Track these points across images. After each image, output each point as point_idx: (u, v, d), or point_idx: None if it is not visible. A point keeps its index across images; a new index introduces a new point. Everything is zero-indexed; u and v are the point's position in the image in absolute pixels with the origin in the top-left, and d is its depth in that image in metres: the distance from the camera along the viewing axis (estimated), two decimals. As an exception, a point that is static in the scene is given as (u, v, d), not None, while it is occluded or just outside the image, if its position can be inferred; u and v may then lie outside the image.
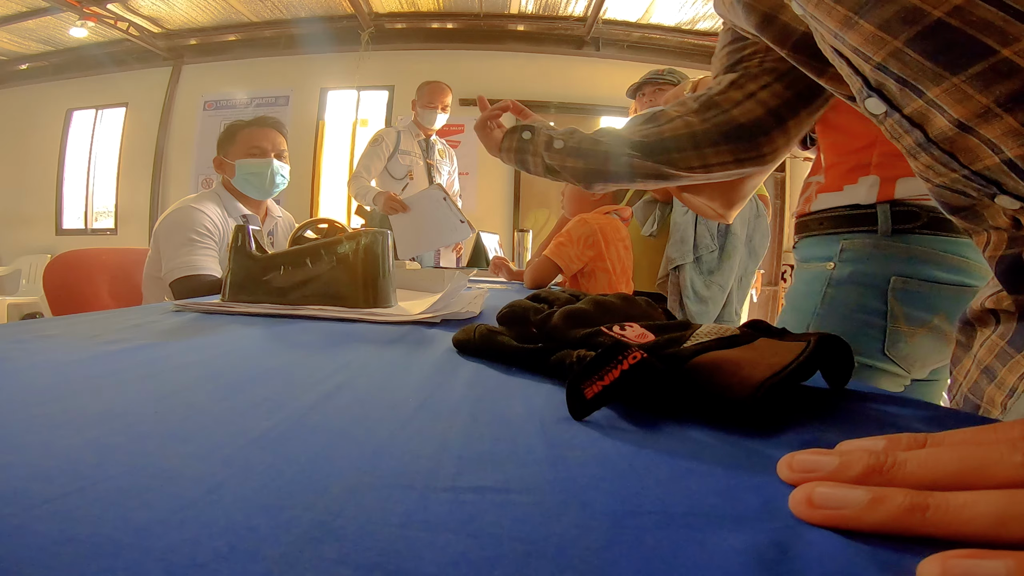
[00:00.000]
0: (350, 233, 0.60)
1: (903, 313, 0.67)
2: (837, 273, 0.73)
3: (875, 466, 0.15)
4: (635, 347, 0.23)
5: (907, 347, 0.67)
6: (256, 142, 1.40)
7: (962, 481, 0.14)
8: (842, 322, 0.72)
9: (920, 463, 0.15)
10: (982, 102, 0.25)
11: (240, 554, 0.11)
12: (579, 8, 3.79)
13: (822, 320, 0.75)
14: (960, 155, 0.29)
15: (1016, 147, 0.25)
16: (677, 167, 0.57)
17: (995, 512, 0.12)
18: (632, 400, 0.24)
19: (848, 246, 0.72)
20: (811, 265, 0.78)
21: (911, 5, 0.24)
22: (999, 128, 0.25)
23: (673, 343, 0.27)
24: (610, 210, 1.37)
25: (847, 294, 0.72)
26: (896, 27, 0.25)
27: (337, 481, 0.15)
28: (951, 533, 0.13)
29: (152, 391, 0.24)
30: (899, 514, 0.13)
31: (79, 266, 1.34)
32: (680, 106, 0.58)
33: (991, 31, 0.22)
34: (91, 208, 4.43)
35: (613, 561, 0.12)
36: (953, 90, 0.26)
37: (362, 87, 4.17)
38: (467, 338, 0.37)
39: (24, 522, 0.12)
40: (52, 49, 4.22)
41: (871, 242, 0.70)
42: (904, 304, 0.67)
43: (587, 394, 0.23)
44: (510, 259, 1.88)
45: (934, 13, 0.23)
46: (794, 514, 0.14)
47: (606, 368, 0.22)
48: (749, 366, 0.23)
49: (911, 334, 0.66)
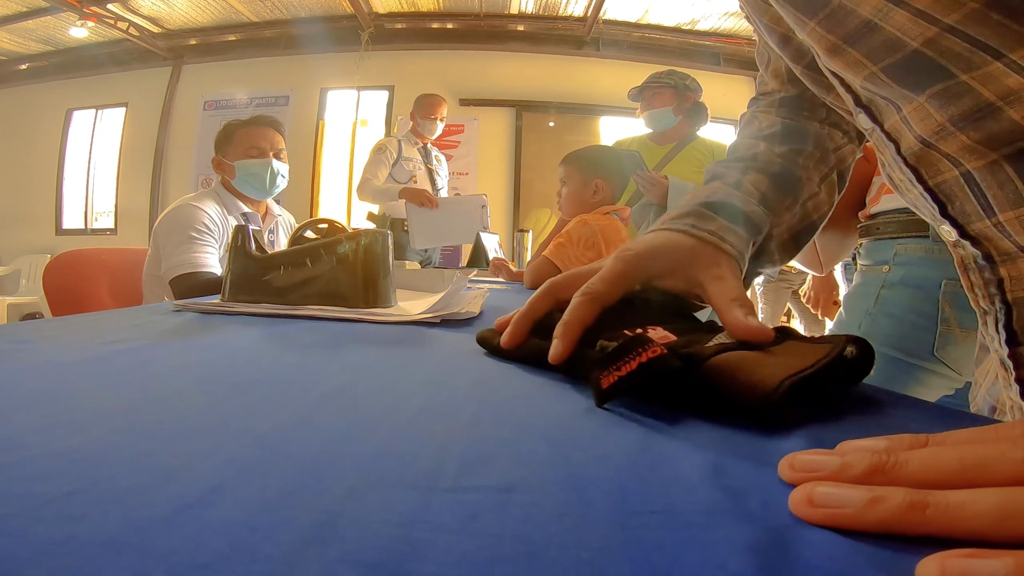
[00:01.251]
0: (350, 233, 0.60)
1: (955, 316, 0.68)
2: (891, 276, 0.76)
3: (877, 466, 0.15)
4: (655, 342, 0.23)
5: (957, 349, 0.69)
6: (254, 142, 1.40)
7: (964, 479, 0.14)
8: (893, 323, 0.75)
9: (921, 462, 0.15)
10: (939, 120, 0.28)
11: (241, 554, 0.11)
12: (579, 8, 3.79)
13: (874, 320, 0.77)
14: (923, 170, 0.31)
15: (973, 160, 0.28)
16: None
17: (994, 509, 0.12)
18: (648, 395, 0.24)
19: (902, 250, 0.75)
20: (870, 268, 0.81)
21: (894, 36, 0.27)
22: (955, 144, 0.28)
23: (695, 343, 0.27)
24: (610, 210, 1.37)
25: (900, 296, 0.74)
26: (878, 55, 0.29)
27: (338, 481, 0.15)
28: (951, 531, 0.13)
29: (152, 391, 0.24)
30: (899, 512, 0.13)
31: (79, 266, 1.34)
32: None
33: (955, 59, 0.26)
34: (91, 208, 4.43)
35: (615, 561, 0.12)
36: (919, 108, 0.29)
37: (362, 87, 4.17)
38: (494, 337, 0.36)
39: (25, 522, 0.12)
40: (52, 49, 4.22)
41: (923, 247, 0.73)
42: (956, 307, 0.68)
43: (603, 383, 0.23)
44: (510, 260, 1.88)
45: (912, 44, 0.27)
46: (794, 513, 0.14)
47: (624, 360, 0.23)
48: (770, 366, 0.23)
49: (964, 337, 0.68)
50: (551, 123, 4.19)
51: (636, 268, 0.35)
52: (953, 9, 0.24)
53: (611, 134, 3.92)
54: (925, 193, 0.32)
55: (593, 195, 1.38)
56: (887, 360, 0.79)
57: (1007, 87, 0.25)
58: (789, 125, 0.49)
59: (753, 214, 0.42)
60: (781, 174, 0.46)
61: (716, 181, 0.46)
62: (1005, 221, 0.28)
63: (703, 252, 0.37)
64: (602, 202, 1.38)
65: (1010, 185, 0.27)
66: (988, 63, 0.25)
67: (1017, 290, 0.30)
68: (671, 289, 0.35)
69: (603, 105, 4.07)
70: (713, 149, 1.73)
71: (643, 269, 0.35)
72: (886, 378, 0.79)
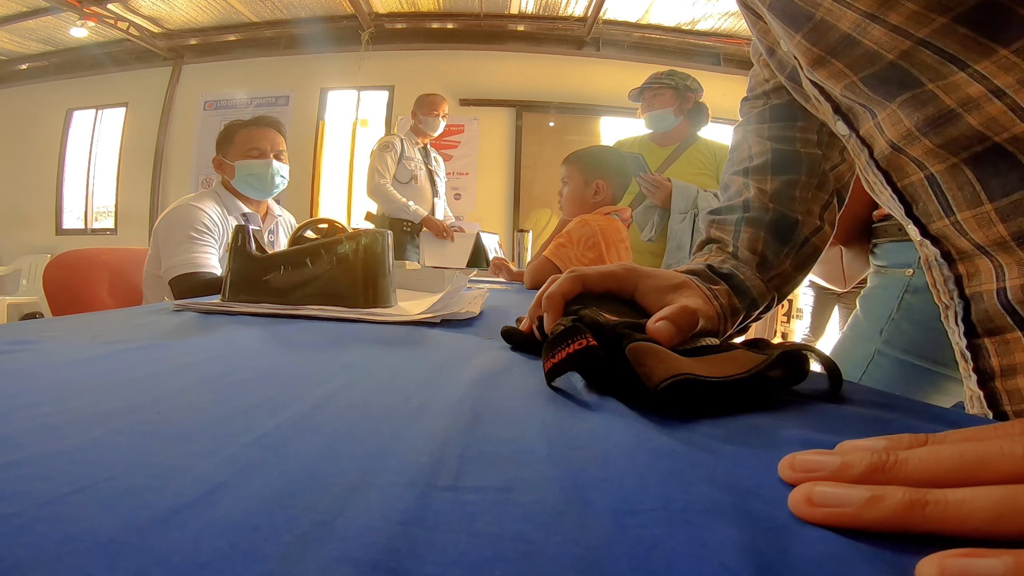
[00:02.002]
0: (350, 233, 0.60)
1: None
2: (916, 280, 0.74)
3: (877, 465, 0.15)
4: (586, 334, 0.26)
5: None
6: (255, 143, 1.40)
7: (963, 476, 0.14)
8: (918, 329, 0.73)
9: (921, 460, 0.15)
10: (907, 125, 0.30)
11: (242, 553, 0.11)
12: (579, 8, 3.79)
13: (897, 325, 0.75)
14: (893, 172, 0.34)
15: (936, 163, 0.30)
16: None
17: (994, 506, 0.13)
18: (586, 375, 0.28)
19: None
20: (889, 271, 0.78)
21: (872, 49, 0.29)
22: (920, 148, 0.30)
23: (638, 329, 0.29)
24: (610, 211, 1.37)
25: (925, 301, 0.72)
26: (859, 66, 0.31)
27: (339, 480, 0.15)
28: (951, 529, 0.13)
29: (153, 391, 0.24)
30: (898, 511, 0.13)
31: (79, 266, 1.34)
32: None
33: (926, 69, 0.28)
34: (91, 208, 4.43)
35: (614, 560, 0.12)
36: (891, 114, 0.31)
37: (362, 87, 4.17)
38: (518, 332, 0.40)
39: (25, 522, 0.12)
40: (52, 49, 4.22)
41: None
42: None
43: (545, 366, 0.27)
44: (510, 259, 1.88)
45: (888, 56, 0.29)
46: (794, 513, 0.14)
47: (559, 347, 0.26)
48: (677, 361, 0.25)
49: None
50: (551, 123, 4.18)
51: (629, 273, 0.39)
52: (924, 24, 0.26)
53: (611, 134, 3.92)
54: (894, 195, 0.34)
55: (594, 195, 1.38)
56: (907, 367, 0.77)
57: (967, 95, 0.27)
58: (780, 152, 0.49)
59: (755, 288, 0.45)
60: (776, 222, 0.48)
61: (715, 245, 0.49)
62: (963, 220, 0.30)
63: (690, 286, 0.41)
64: (603, 202, 1.38)
65: (968, 187, 0.29)
66: (954, 73, 0.27)
67: (974, 285, 0.33)
68: (647, 307, 0.38)
69: (603, 105, 4.07)
70: (715, 150, 1.72)
71: (634, 279, 0.39)
72: (906, 385, 0.77)
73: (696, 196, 1.56)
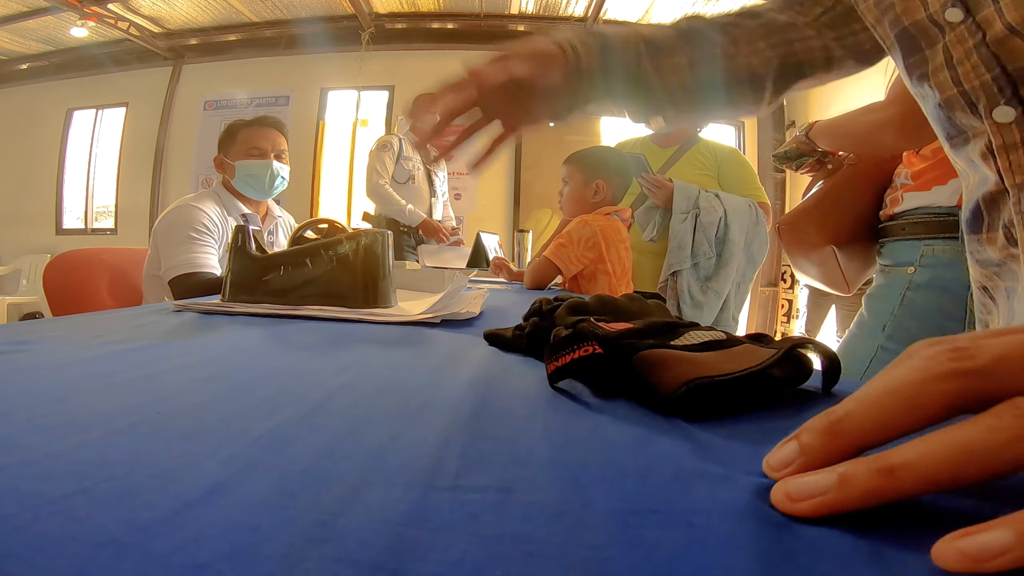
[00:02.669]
0: (350, 233, 0.60)
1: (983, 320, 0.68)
2: (917, 277, 0.75)
3: (827, 428, 0.15)
4: (592, 339, 0.26)
5: None
6: (256, 143, 1.40)
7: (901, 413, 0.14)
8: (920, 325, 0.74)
9: (857, 404, 0.15)
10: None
11: (242, 554, 0.11)
12: (579, 8, 3.79)
13: (899, 322, 0.76)
14: (1002, 56, 0.36)
15: None
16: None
17: (949, 457, 0.13)
18: (588, 381, 0.28)
19: (929, 252, 0.74)
20: (893, 269, 0.79)
21: None
22: None
23: (645, 336, 0.29)
24: (611, 211, 1.37)
25: (926, 299, 0.73)
26: None
27: (339, 481, 0.15)
28: (923, 489, 0.13)
29: (153, 391, 0.24)
30: (871, 481, 0.13)
31: (79, 266, 1.34)
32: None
33: None
34: (91, 208, 4.43)
35: (615, 560, 0.12)
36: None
37: (362, 87, 4.17)
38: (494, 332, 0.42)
39: (26, 522, 0.12)
40: (52, 49, 4.22)
41: (954, 249, 0.71)
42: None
43: (548, 368, 0.27)
44: (510, 259, 1.88)
45: None
46: (781, 512, 0.14)
47: (564, 351, 0.27)
48: (691, 365, 0.25)
49: None
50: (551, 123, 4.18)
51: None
52: None
53: (612, 134, 3.92)
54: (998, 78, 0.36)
55: (594, 195, 1.38)
56: None
57: None
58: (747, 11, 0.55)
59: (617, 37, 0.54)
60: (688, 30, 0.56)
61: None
62: None
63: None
64: (603, 202, 1.38)
65: None
66: None
67: None
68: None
69: (603, 105, 4.06)
70: (716, 151, 1.72)
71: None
72: None
73: (697, 196, 1.56)
